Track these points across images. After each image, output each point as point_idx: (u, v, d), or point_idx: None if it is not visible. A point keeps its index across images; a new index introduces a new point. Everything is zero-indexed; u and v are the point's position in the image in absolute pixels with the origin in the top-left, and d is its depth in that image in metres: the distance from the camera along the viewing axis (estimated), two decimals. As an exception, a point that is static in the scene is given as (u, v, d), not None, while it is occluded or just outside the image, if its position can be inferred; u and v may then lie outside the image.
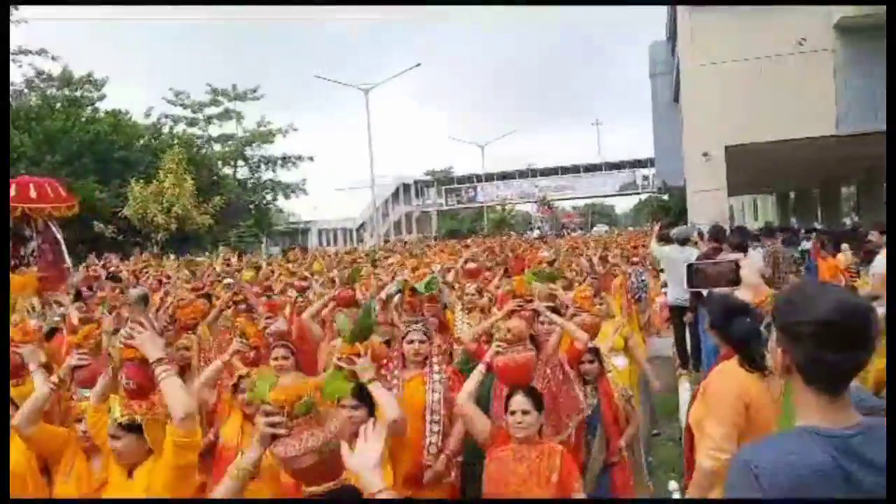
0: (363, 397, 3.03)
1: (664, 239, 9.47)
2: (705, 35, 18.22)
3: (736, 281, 2.08)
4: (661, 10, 25.89)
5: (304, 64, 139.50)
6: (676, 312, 8.98)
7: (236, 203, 38.67)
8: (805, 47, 17.26)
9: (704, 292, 4.05)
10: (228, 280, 8.28)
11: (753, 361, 2.81)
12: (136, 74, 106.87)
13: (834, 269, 10.91)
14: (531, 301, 4.27)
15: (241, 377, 3.63)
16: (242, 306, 6.09)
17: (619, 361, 3.85)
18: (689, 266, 2.30)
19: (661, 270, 10.80)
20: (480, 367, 3.35)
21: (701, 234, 11.22)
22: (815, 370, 1.51)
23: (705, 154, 18.23)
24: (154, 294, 7.33)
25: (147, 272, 11.66)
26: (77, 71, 34.68)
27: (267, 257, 21.82)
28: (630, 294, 9.05)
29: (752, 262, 1.80)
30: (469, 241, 26.80)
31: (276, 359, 4.09)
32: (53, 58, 33.48)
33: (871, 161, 24.40)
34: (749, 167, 22.18)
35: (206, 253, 28.21)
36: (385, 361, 3.77)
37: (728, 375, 2.92)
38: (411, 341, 3.92)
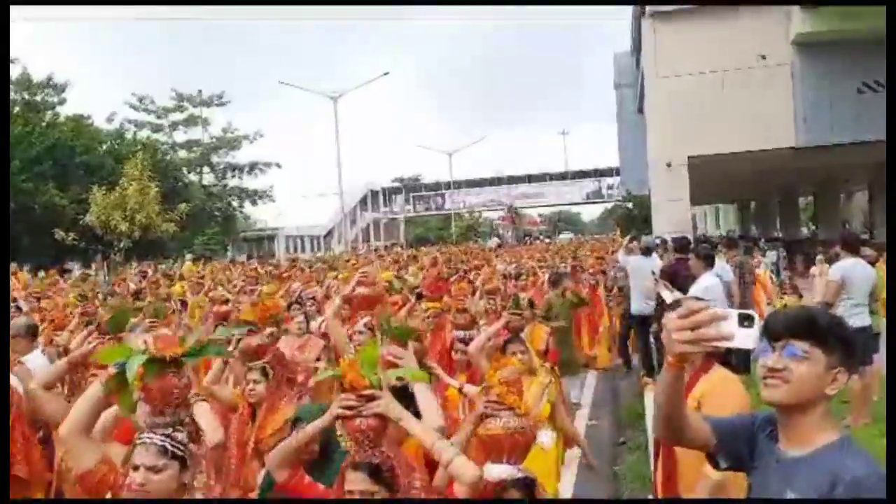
0: None
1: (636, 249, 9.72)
2: (669, 48, 18.59)
3: None
4: (627, 21, 26.38)
5: (271, 69, 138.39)
6: (640, 322, 9.10)
7: (202, 210, 38.15)
8: (765, 62, 17.73)
9: (669, 300, 4.01)
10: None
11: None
12: (98, 78, 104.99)
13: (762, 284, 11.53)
14: (372, 397, 2.25)
15: None
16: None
17: (545, 438, 2.75)
18: None
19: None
20: None
21: (664, 245, 11.43)
22: None
23: (669, 164, 18.56)
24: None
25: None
26: (36, 74, 33.96)
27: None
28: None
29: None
30: (421, 250, 26.18)
31: None
32: (11, 60, 32.68)
33: (828, 172, 25.13)
34: (711, 177, 22.64)
35: (170, 260, 27.79)
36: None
37: (731, 384, 2.80)
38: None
